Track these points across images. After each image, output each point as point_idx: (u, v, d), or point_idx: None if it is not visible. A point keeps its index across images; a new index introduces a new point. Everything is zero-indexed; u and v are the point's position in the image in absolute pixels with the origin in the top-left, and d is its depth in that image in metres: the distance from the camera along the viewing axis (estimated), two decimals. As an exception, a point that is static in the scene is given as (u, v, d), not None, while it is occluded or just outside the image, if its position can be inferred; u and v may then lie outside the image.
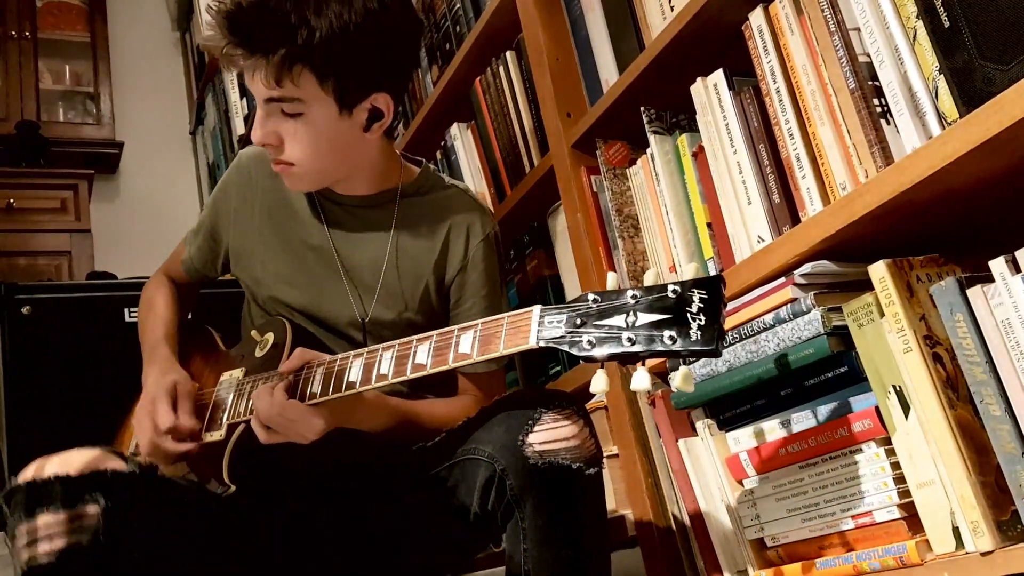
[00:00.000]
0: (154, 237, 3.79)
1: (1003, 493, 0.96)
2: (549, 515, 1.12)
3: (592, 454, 1.14)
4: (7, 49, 3.88)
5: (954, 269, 1.08)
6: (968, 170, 0.97)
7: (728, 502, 1.26)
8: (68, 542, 1.06)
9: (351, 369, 1.17)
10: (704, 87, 1.30)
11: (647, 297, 0.96)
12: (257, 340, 1.40)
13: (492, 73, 1.89)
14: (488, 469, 1.14)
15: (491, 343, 1.06)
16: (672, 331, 0.93)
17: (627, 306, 0.97)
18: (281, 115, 1.27)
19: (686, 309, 0.93)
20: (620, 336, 0.96)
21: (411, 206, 1.43)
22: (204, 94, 4.06)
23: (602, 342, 0.96)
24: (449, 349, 1.09)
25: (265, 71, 1.22)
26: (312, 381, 1.20)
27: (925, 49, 0.99)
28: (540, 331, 1.01)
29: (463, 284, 1.43)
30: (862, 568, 1.08)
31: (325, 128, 1.28)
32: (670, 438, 1.34)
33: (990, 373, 0.95)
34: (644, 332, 0.95)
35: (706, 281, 0.95)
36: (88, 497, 1.08)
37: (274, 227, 1.46)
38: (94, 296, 1.87)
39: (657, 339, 0.94)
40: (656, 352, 0.94)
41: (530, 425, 1.12)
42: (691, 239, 1.36)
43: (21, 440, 1.72)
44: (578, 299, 1.01)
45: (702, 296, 0.94)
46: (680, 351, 0.93)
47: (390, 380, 1.14)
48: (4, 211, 3.58)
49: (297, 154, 1.30)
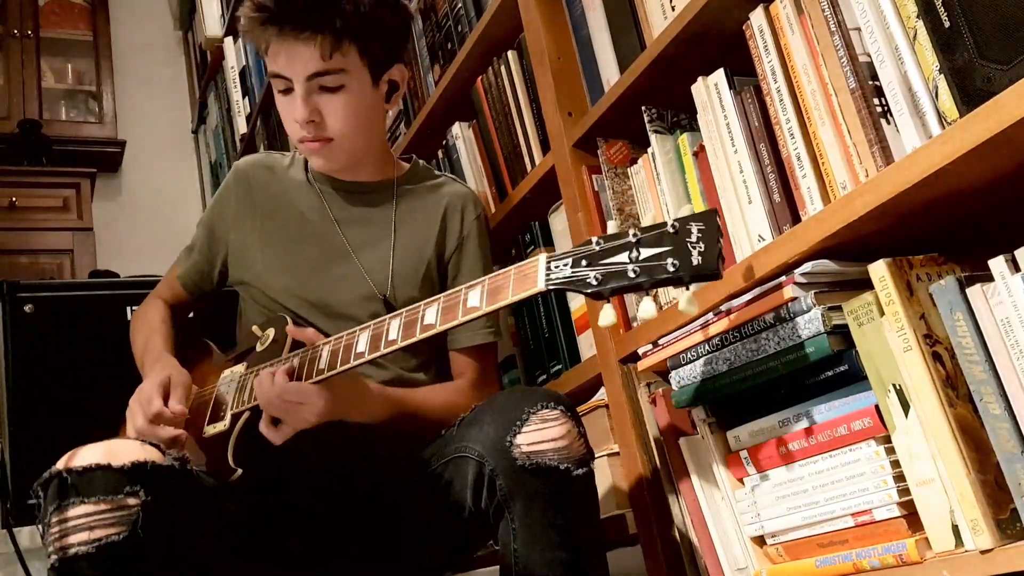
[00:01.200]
0: (156, 236, 3.81)
1: (1002, 491, 0.96)
2: (538, 516, 1.12)
3: (581, 455, 1.14)
4: (9, 48, 3.89)
5: (954, 268, 1.08)
6: (968, 170, 0.98)
7: (728, 500, 1.26)
8: (107, 533, 1.05)
9: (358, 341, 1.20)
10: (705, 86, 1.31)
11: (648, 234, 1.02)
12: (258, 336, 1.41)
13: (494, 72, 1.89)
14: (478, 468, 1.15)
15: (499, 293, 1.09)
16: (674, 259, 0.99)
17: (629, 244, 1.02)
18: (320, 91, 1.36)
19: (686, 240, 0.99)
20: (625, 270, 1.01)
21: (407, 194, 1.52)
22: (206, 93, 4.07)
23: (608, 278, 1.01)
24: (458, 306, 1.12)
25: (316, 46, 1.32)
26: (318, 360, 1.22)
27: (925, 49, 1.00)
28: (548, 275, 1.05)
29: (460, 260, 1.51)
30: (862, 566, 1.08)
31: (361, 98, 1.39)
32: (671, 436, 1.35)
33: (989, 372, 0.95)
34: (647, 264, 1.00)
35: (701, 215, 1.01)
36: (129, 489, 1.07)
37: (277, 225, 1.49)
38: (96, 295, 1.87)
39: (660, 268, 0.99)
40: (660, 280, 0.99)
41: (518, 426, 1.13)
42: (692, 238, 1.36)
43: (24, 438, 1.72)
44: (582, 244, 1.05)
45: (699, 227, 1.00)
46: (683, 275, 0.98)
47: (399, 344, 1.16)
48: (6, 210, 3.58)
49: (338, 127, 1.39)
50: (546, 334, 1.74)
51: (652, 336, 1.37)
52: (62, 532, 1.05)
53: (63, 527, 1.05)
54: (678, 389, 1.31)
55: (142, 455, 1.10)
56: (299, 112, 1.37)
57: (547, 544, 1.12)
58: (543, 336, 1.75)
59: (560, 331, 1.70)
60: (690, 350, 1.29)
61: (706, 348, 1.26)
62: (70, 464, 1.09)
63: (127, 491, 1.07)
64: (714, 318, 1.25)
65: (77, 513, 1.06)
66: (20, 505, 1.72)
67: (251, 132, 3.46)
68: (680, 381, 1.31)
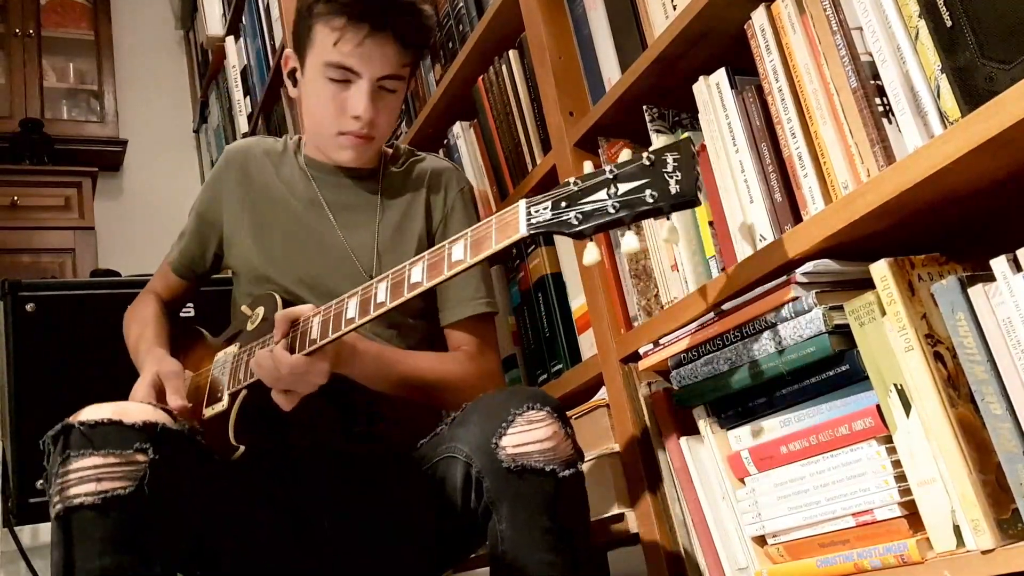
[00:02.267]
0: (157, 235, 3.80)
1: (1004, 491, 0.96)
2: (525, 518, 1.11)
3: (568, 456, 1.14)
4: (11, 47, 3.89)
5: (955, 268, 1.08)
6: (970, 169, 0.97)
7: (729, 500, 1.26)
8: (114, 486, 1.07)
9: (347, 308, 1.21)
10: (706, 86, 1.31)
11: (624, 169, 1.02)
12: (248, 315, 1.42)
13: (495, 72, 1.89)
14: (465, 469, 1.16)
15: (483, 244, 1.09)
16: (653, 190, 0.99)
17: (607, 180, 1.02)
18: (379, 92, 1.42)
19: (662, 170, 1.00)
20: (605, 206, 1.01)
21: (392, 175, 1.55)
22: (208, 92, 4.07)
23: (588, 216, 1.02)
24: (443, 261, 1.13)
25: (397, 51, 1.39)
26: (310, 331, 1.23)
27: (927, 48, 0.99)
28: (529, 219, 1.05)
29: (447, 229, 1.52)
30: (863, 566, 1.08)
31: (400, 101, 1.48)
32: (671, 436, 1.35)
33: (991, 372, 0.95)
34: (626, 198, 1.00)
35: (675, 144, 1.01)
36: (139, 445, 1.09)
37: (267, 208, 1.52)
38: (98, 294, 1.88)
39: (639, 200, 1.00)
40: (641, 212, 1.00)
41: (503, 427, 1.13)
42: (693, 237, 1.36)
43: (25, 437, 1.73)
44: (559, 185, 1.06)
45: (675, 156, 1.00)
46: (662, 205, 0.99)
47: (388, 306, 1.16)
48: (8, 209, 3.59)
49: (384, 126, 1.46)
50: (547, 333, 1.74)
51: (653, 336, 1.37)
52: (68, 482, 1.07)
53: (71, 477, 1.07)
54: (679, 388, 1.31)
55: (153, 416, 1.13)
56: (365, 109, 1.40)
57: (534, 546, 1.11)
58: (544, 335, 1.75)
59: (561, 330, 1.70)
60: (691, 350, 1.29)
61: (707, 348, 1.26)
62: (83, 418, 1.10)
63: (137, 447, 1.09)
64: (715, 318, 1.25)
65: (86, 464, 1.07)
66: (21, 504, 1.72)
67: (253, 131, 3.46)
68: (681, 381, 1.31)
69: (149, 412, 1.14)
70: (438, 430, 1.29)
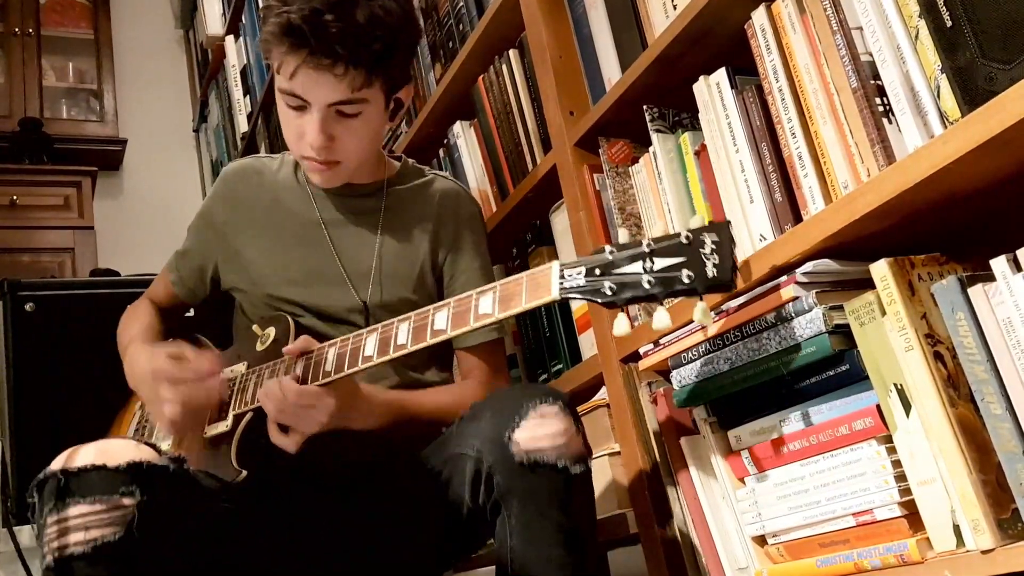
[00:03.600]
0: (157, 234, 3.81)
1: (1004, 491, 0.96)
2: (535, 514, 1.11)
3: (579, 452, 1.14)
4: (10, 46, 3.89)
5: (955, 268, 1.08)
6: (970, 169, 0.97)
7: (729, 500, 1.26)
8: (103, 533, 1.05)
9: (366, 345, 1.20)
10: (706, 86, 1.31)
11: (661, 244, 1.03)
12: (258, 335, 1.41)
13: (495, 71, 1.89)
14: (476, 464, 1.15)
15: (512, 300, 1.10)
16: (689, 271, 1.00)
17: (643, 254, 1.04)
18: (337, 116, 1.33)
19: (700, 251, 1.01)
20: (639, 280, 1.02)
21: (398, 194, 1.52)
22: (207, 91, 4.06)
23: (622, 288, 1.03)
24: (469, 312, 1.13)
25: (346, 78, 1.29)
26: (324, 362, 1.22)
27: (927, 48, 0.99)
28: (562, 283, 1.06)
29: (456, 260, 1.50)
30: (863, 566, 1.08)
31: (373, 122, 1.38)
32: (672, 436, 1.35)
33: (991, 372, 0.95)
34: (662, 275, 1.02)
35: (715, 226, 1.02)
36: (125, 489, 1.07)
37: (267, 229, 1.49)
38: (97, 293, 1.88)
39: (675, 280, 1.01)
40: (675, 291, 1.01)
41: (516, 422, 1.12)
42: (693, 237, 1.36)
43: (25, 437, 1.73)
44: (595, 251, 1.07)
45: (713, 239, 1.01)
46: (697, 287, 1.00)
47: (408, 349, 1.16)
48: (7, 208, 3.59)
49: (350, 150, 1.38)
50: (547, 333, 1.74)
51: (653, 336, 1.37)
52: (57, 532, 1.05)
53: (59, 527, 1.05)
54: (679, 388, 1.31)
55: (137, 455, 1.10)
56: (313, 137, 1.33)
57: (544, 542, 1.11)
58: (544, 335, 1.75)
59: (561, 330, 1.70)
60: (691, 349, 1.29)
61: (707, 348, 1.26)
62: (65, 465, 1.08)
63: (123, 491, 1.06)
64: (715, 317, 1.25)
65: (73, 513, 1.05)
66: (21, 504, 1.72)
67: (252, 130, 3.46)
68: (681, 380, 1.30)
69: (132, 451, 1.10)
70: (444, 431, 1.28)
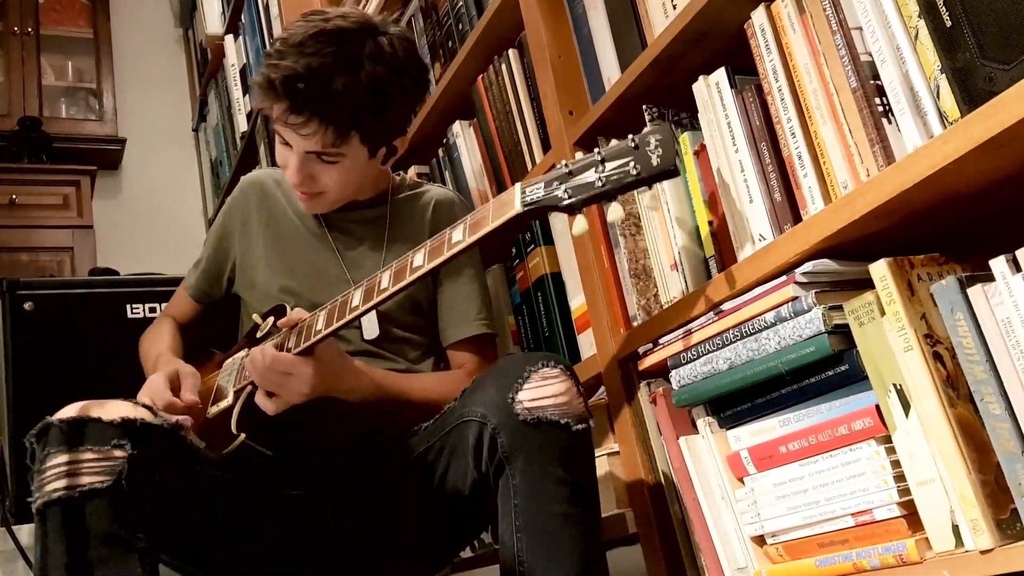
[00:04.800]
0: (156, 233, 3.81)
1: (1003, 492, 0.96)
2: (540, 471, 1.14)
3: (581, 411, 1.18)
4: (10, 45, 3.88)
5: (955, 268, 1.08)
6: (969, 169, 0.97)
7: (728, 500, 1.26)
8: (92, 480, 1.09)
9: (353, 297, 1.26)
10: (706, 85, 1.31)
11: (611, 150, 1.14)
12: (259, 323, 1.45)
13: (494, 71, 1.89)
14: (479, 429, 1.18)
15: (481, 224, 1.18)
16: (636, 164, 1.12)
17: (595, 162, 1.14)
18: (316, 160, 1.41)
19: (646, 149, 1.12)
20: (592, 182, 1.13)
21: (399, 204, 1.58)
22: (207, 91, 4.06)
23: (577, 191, 1.14)
24: (443, 245, 1.20)
25: (321, 136, 1.35)
26: (315, 323, 1.27)
27: (927, 48, 0.99)
28: (523, 197, 1.16)
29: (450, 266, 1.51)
30: (862, 566, 1.08)
31: (356, 168, 1.44)
32: (671, 436, 1.35)
33: (990, 372, 0.95)
34: (613, 174, 1.12)
35: (657, 128, 1.13)
36: (117, 441, 1.11)
37: (279, 240, 1.55)
38: (96, 292, 1.88)
39: (624, 174, 1.12)
40: (625, 184, 1.12)
41: (519, 383, 1.16)
42: (692, 237, 1.36)
43: (24, 436, 1.72)
44: (551, 167, 1.17)
45: (656, 137, 1.12)
46: (644, 175, 1.11)
47: (391, 290, 1.21)
48: (6, 207, 3.58)
49: (331, 186, 1.44)
50: (546, 333, 1.74)
51: (652, 335, 1.37)
52: (47, 478, 1.10)
53: (49, 473, 1.10)
54: (678, 388, 1.31)
55: (132, 413, 1.15)
56: (292, 174, 1.41)
57: (548, 498, 1.14)
58: (543, 335, 1.75)
59: (560, 330, 1.70)
60: (690, 349, 1.29)
61: (706, 348, 1.26)
62: (64, 415, 1.13)
63: (114, 443, 1.11)
64: (715, 317, 1.25)
65: (65, 460, 1.10)
66: (21, 503, 1.72)
67: (252, 130, 3.45)
68: (680, 380, 1.30)
69: (128, 409, 1.16)
70: (445, 408, 1.30)
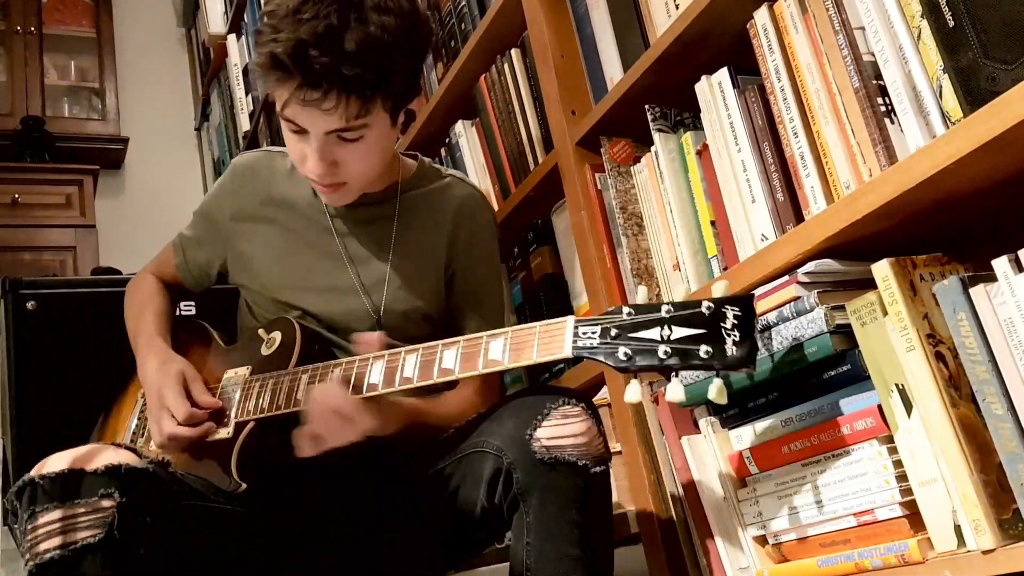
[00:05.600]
0: (159, 233, 3.78)
1: (1005, 492, 0.96)
2: (554, 511, 1.12)
3: (600, 453, 1.15)
4: (12, 44, 3.89)
5: (957, 268, 1.08)
6: (972, 169, 0.97)
7: (731, 499, 1.26)
8: (83, 536, 1.04)
9: (372, 371, 1.19)
10: (708, 85, 1.31)
11: (681, 312, 1.00)
12: (263, 338, 1.38)
13: (497, 71, 1.89)
14: (496, 462, 1.15)
15: (523, 352, 1.09)
16: (708, 346, 0.97)
17: (661, 320, 1.01)
18: (338, 141, 1.27)
19: (720, 325, 0.98)
20: (656, 349, 0.99)
21: (412, 199, 1.46)
22: (209, 90, 4.06)
23: (637, 355, 1.00)
24: (478, 356, 1.12)
25: (341, 108, 1.22)
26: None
27: (929, 48, 0.99)
28: (575, 341, 1.05)
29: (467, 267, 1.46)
30: (864, 566, 1.08)
31: (380, 142, 1.31)
32: (673, 435, 1.35)
33: (992, 372, 0.95)
34: (679, 346, 0.99)
35: (738, 299, 1.00)
36: (104, 491, 1.06)
37: (276, 229, 1.45)
38: (99, 292, 1.87)
39: (693, 353, 0.98)
40: (692, 366, 0.98)
41: (539, 420, 1.12)
42: (695, 237, 1.36)
43: (26, 436, 1.73)
44: (612, 311, 1.04)
45: (735, 313, 0.99)
46: (716, 365, 0.97)
47: (415, 384, 1.16)
48: (9, 206, 3.59)
49: (354, 172, 1.32)
50: (548, 332, 1.73)
51: (655, 335, 1.37)
52: (37, 538, 1.04)
53: (38, 533, 1.04)
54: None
55: (116, 458, 1.09)
56: (313, 166, 1.28)
57: (561, 539, 1.12)
58: (545, 334, 1.74)
59: (562, 329, 1.70)
60: (693, 349, 1.28)
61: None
62: (43, 471, 1.07)
63: (101, 493, 1.05)
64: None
65: (52, 518, 1.04)
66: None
67: (254, 129, 3.46)
68: (682, 380, 1.30)
69: (111, 455, 1.10)
70: (454, 431, 1.28)
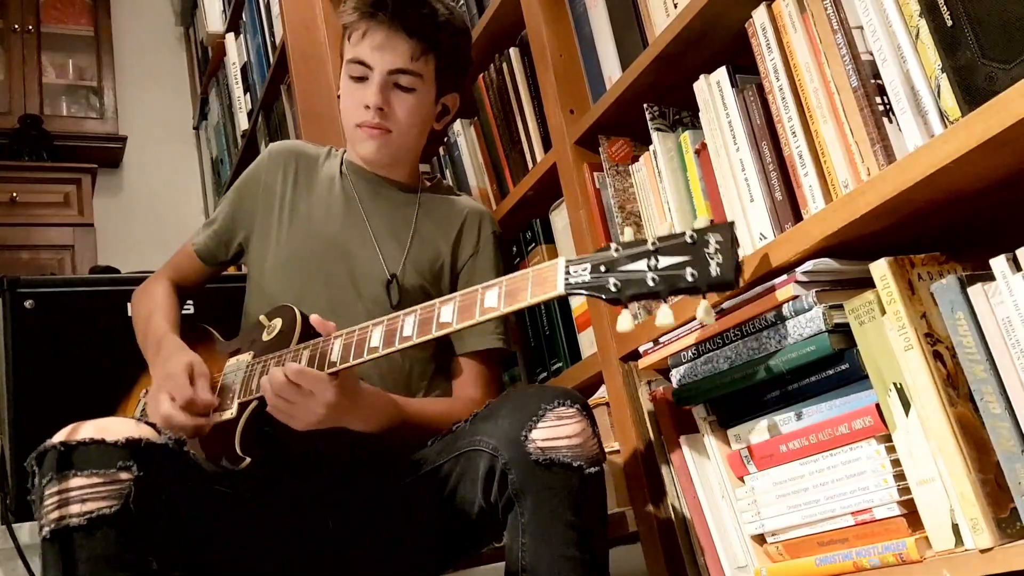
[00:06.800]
0: (157, 231, 3.81)
1: (1002, 491, 0.96)
2: (549, 512, 1.12)
3: (595, 454, 1.16)
4: (10, 43, 3.88)
5: (955, 267, 1.08)
6: (970, 169, 0.97)
7: (729, 498, 1.26)
8: (99, 506, 1.06)
9: (372, 336, 1.21)
10: (707, 84, 1.31)
11: (666, 243, 1.04)
12: (265, 325, 1.42)
13: (495, 69, 1.89)
14: (491, 461, 1.16)
15: (518, 295, 1.10)
16: (692, 269, 1.01)
17: (647, 252, 1.04)
18: (394, 88, 1.49)
19: (704, 250, 1.01)
20: (644, 277, 1.03)
21: (431, 199, 1.61)
22: (208, 89, 4.06)
23: (626, 285, 1.04)
24: (475, 306, 1.13)
25: (409, 45, 1.47)
26: (331, 352, 1.23)
27: (928, 48, 0.99)
28: (567, 279, 1.07)
29: (473, 270, 1.56)
30: (862, 564, 1.08)
31: (424, 107, 1.54)
32: (671, 435, 1.35)
33: (990, 371, 0.95)
34: (666, 273, 1.02)
35: (719, 226, 1.03)
36: (122, 463, 1.08)
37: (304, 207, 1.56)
38: (97, 290, 1.87)
39: (679, 278, 1.02)
40: (678, 288, 1.02)
41: (534, 421, 1.13)
42: (693, 236, 1.36)
43: (24, 434, 1.72)
44: (600, 249, 1.07)
45: (717, 239, 1.02)
46: (700, 285, 1.01)
47: (414, 341, 1.17)
48: (7, 205, 3.58)
49: (402, 121, 1.51)
50: (547, 331, 1.74)
51: (653, 334, 1.37)
52: (56, 503, 1.07)
53: (57, 499, 1.07)
54: (679, 387, 1.31)
55: (136, 432, 1.12)
56: (373, 98, 1.48)
57: (556, 540, 1.12)
58: (544, 333, 1.75)
59: (561, 329, 1.70)
60: (691, 348, 1.29)
61: (707, 346, 1.26)
62: (66, 438, 1.10)
63: (120, 465, 1.08)
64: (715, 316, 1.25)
65: (71, 485, 1.07)
66: (21, 501, 1.72)
67: (253, 128, 3.45)
68: (681, 379, 1.31)
69: (131, 428, 1.12)
70: (453, 428, 1.29)
